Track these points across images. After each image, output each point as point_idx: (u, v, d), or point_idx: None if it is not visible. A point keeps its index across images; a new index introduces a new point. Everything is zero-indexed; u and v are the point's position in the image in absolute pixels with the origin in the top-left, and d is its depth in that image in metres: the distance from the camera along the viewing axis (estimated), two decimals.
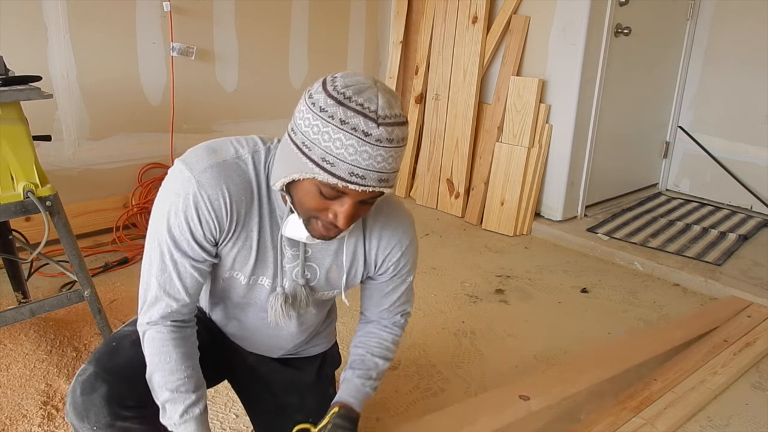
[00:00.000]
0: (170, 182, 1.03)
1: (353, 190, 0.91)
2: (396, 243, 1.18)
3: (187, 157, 1.03)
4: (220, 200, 1.01)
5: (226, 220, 1.03)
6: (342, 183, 0.90)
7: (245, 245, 1.09)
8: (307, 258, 1.14)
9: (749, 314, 2.31)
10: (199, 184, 1.00)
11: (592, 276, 2.74)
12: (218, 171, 1.01)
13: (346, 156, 0.88)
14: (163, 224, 1.03)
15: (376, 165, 0.90)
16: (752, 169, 3.50)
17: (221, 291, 1.19)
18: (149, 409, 1.07)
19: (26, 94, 1.54)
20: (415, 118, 3.61)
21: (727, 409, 1.80)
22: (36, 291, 2.29)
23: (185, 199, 1.00)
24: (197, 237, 1.03)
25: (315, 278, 1.16)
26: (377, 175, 0.91)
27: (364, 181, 0.90)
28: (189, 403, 1.04)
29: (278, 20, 3.25)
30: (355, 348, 1.30)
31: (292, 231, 1.05)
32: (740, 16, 3.41)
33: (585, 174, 3.26)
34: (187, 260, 1.05)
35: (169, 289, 1.06)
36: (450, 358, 2.01)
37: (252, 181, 1.05)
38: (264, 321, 1.21)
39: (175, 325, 1.08)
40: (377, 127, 0.88)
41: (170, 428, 1.04)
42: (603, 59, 3.06)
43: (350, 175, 0.89)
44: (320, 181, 0.92)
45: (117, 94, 2.78)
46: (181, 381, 1.05)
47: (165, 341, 1.06)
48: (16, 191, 1.57)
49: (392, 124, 0.90)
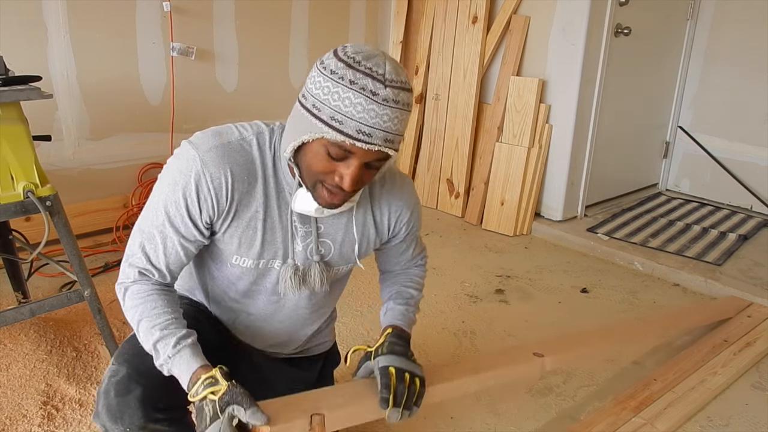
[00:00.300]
0: (175, 160, 1.07)
1: (360, 148, 0.95)
2: (404, 205, 1.23)
3: (193, 138, 1.08)
4: (221, 179, 1.04)
5: (226, 200, 1.06)
6: (350, 141, 0.94)
7: (249, 226, 1.10)
8: (320, 234, 1.16)
9: (749, 314, 2.31)
10: (203, 162, 1.03)
11: (592, 276, 2.74)
12: (222, 151, 1.05)
13: (354, 114, 0.93)
14: (161, 197, 1.06)
15: (383, 124, 0.94)
16: (752, 169, 3.50)
17: (229, 280, 1.20)
18: (179, 411, 1.11)
19: (26, 94, 1.54)
20: (415, 118, 3.61)
21: (727, 409, 1.80)
22: (36, 291, 2.29)
23: (187, 176, 1.04)
24: (193, 214, 1.06)
25: (329, 254, 1.19)
26: (383, 134, 0.95)
27: (370, 139, 0.94)
28: (180, 336, 1.03)
29: (278, 20, 3.25)
30: (388, 288, 1.36)
31: (301, 205, 1.08)
32: (740, 16, 3.41)
33: (585, 174, 3.26)
34: (177, 236, 1.07)
35: (153, 259, 1.09)
36: (450, 358, 2.01)
37: (256, 162, 1.08)
38: (276, 306, 1.22)
39: (157, 282, 1.10)
40: (384, 87, 0.94)
41: (165, 364, 1.02)
42: (603, 59, 3.06)
43: (357, 133, 0.93)
44: (329, 140, 0.95)
45: (117, 94, 2.78)
46: (169, 321, 1.05)
47: (149, 291, 1.08)
48: (16, 191, 1.57)
49: (398, 88, 0.95)
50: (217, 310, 1.28)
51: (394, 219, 1.23)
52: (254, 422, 0.92)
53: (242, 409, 0.92)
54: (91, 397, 1.73)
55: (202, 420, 0.94)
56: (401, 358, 1.13)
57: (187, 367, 1.00)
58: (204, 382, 0.96)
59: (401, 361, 1.12)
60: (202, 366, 1.00)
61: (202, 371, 0.99)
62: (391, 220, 1.23)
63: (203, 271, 1.25)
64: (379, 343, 1.18)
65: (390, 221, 1.23)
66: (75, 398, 1.71)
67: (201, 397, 0.96)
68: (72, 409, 1.67)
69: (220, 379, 0.96)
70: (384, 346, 1.16)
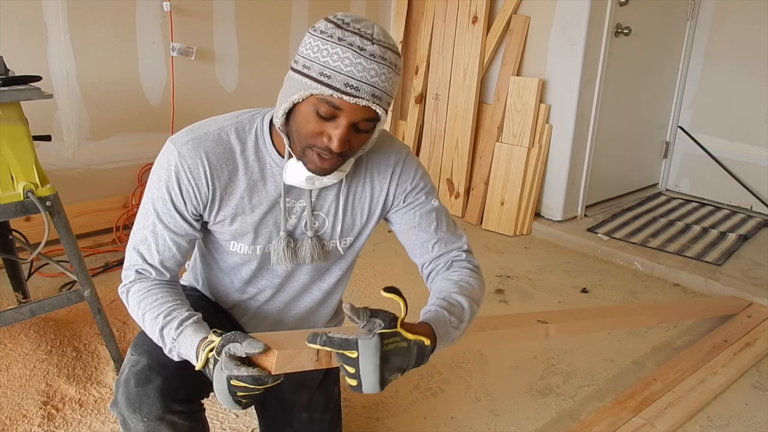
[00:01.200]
0: (158, 159, 1.10)
1: (348, 103, 0.96)
2: (393, 157, 1.19)
3: (174, 135, 1.10)
4: (199, 169, 1.06)
5: (208, 189, 1.08)
6: (337, 94, 0.95)
7: (237, 212, 1.11)
8: (314, 208, 1.16)
9: (749, 314, 2.31)
10: (180, 155, 1.06)
11: (592, 276, 2.74)
12: (197, 142, 1.07)
13: (342, 68, 0.95)
14: (149, 196, 1.09)
15: (370, 78, 0.96)
16: (752, 169, 3.50)
17: (232, 269, 1.20)
18: (195, 404, 1.12)
19: (26, 94, 1.54)
20: (415, 118, 3.61)
21: (727, 409, 1.80)
22: (36, 291, 2.29)
23: (168, 171, 1.07)
24: (179, 208, 1.08)
25: (323, 228, 1.18)
26: (370, 89, 0.96)
27: (358, 92, 0.95)
28: (183, 318, 1.03)
29: (278, 20, 3.25)
30: (430, 297, 1.16)
31: (291, 175, 1.08)
32: (740, 16, 3.41)
33: (585, 174, 3.26)
34: (168, 232, 1.09)
35: (147, 257, 1.10)
36: (450, 358, 2.01)
37: (235, 150, 1.09)
38: (281, 294, 1.23)
39: (155, 279, 1.11)
40: (372, 44, 0.96)
41: (173, 349, 1.02)
42: (603, 59, 3.06)
43: (345, 86, 0.95)
44: (318, 97, 0.97)
45: (117, 94, 2.78)
46: (171, 307, 1.05)
47: (149, 287, 1.09)
48: (16, 191, 1.57)
49: (385, 47, 0.98)
50: (226, 303, 1.29)
51: (387, 176, 1.18)
52: (251, 350, 0.90)
53: (238, 344, 0.91)
54: (91, 397, 1.73)
55: (210, 377, 0.94)
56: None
57: (191, 344, 0.99)
58: (203, 348, 0.96)
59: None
60: (204, 338, 0.99)
61: (203, 341, 0.98)
62: (383, 179, 1.18)
63: (209, 268, 1.26)
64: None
65: (382, 181, 1.18)
66: (75, 398, 1.71)
67: (202, 363, 0.95)
68: (72, 409, 1.67)
69: (214, 338, 0.95)
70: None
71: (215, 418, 1.65)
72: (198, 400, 1.13)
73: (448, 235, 1.23)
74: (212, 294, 1.30)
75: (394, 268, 2.64)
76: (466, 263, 1.22)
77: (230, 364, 0.89)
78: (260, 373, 0.89)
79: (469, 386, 1.88)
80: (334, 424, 1.45)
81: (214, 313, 1.26)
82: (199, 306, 1.18)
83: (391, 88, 0.99)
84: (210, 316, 1.14)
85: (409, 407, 1.76)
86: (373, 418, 1.70)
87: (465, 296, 1.12)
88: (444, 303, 1.09)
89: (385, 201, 1.21)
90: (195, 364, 0.98)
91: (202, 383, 1.06)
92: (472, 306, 1.12)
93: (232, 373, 0.88)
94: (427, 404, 1.78)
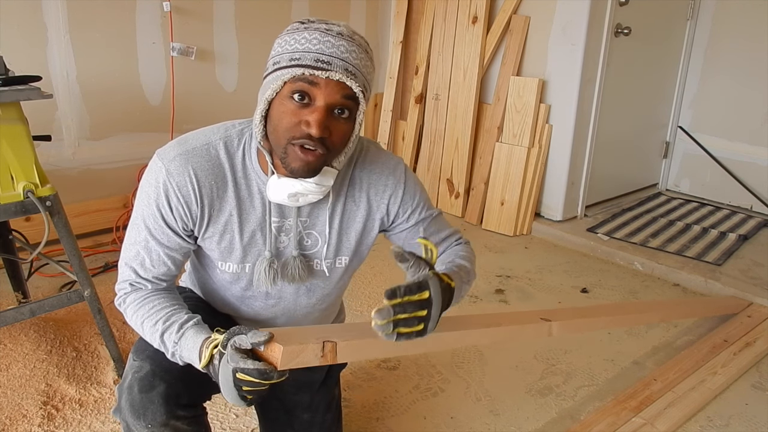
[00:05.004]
0: (146, 173, 1.08)
1: (322, 78, 0.95)
2: (391, 177, 1.17)
3: (160, 149, 1.08)
4: (188, 186, 1.04)
5: (197, 206, 1.06)
6: (309, 71, 0.94)
7: (226, 230, 1.10)
8: (306, 227, 1.14)
9: (749, 314, 2.31)
10: (168, 172, 1.04)
11: (592, 276, 2.74)
12: (186, 158, 1.05)
13: (311, 47, 0.95)
14: (139, 213, 1.08)
15: (340, 54, 0.96)
16: (752, 169, 3.50)
17: (224, 287, 1.19)
18: (199, 408, 1.11)
19: (26, 94, 1.54)
20: (415, 118, 3.61)
21: (727, 409, 1.80)
22: (36, 291, 2.29)
23: (156, 188, 1.05)
24: (170, 223, 1.06)
25: (316, 246, 1.15)
26: (342, 63, 0.95)
27: (330, 66, 0.95)
28: (182, 321, 1.03)
29: (278, 20, 3.25)
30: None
31: (274, 193, 1.05)
32: (740, 16, 3.41)
33: (585, 174, 3.26)
34: (161, 247, 1.08)
35: (141, 273, 1.09)
36: (450, 358, 2.01)
37: (224, 166, 1.07)
38: (274, 310, 1.21)
39: (153, 288, 1.11)
40: (338, 27, 0.98)
41: (175, 353, 1.01)
42: (603, 59, 3.06)
43: (316, 62, 0.95)
44: (290, 82, 0.96)
45: (117, 94, 2.78)
46: (170, 312, 1.05)
47: (145, 296, 1.09)
48: (16, 191, 1.57)
49: (353, 34, 0.99)
50: (223, 310, 1.28)
51: (385, 201, 1.17)
52: (257, 339, 0.90)
53: (243, 336, 0.91)
54: (91, 397, 1.73)
55: (214, 377, 0.93)
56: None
57: (193, 345, 0.99)
58: (207, 346, 0.95)
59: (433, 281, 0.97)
60: (206, 337, 0.98)
61: (206, 341, 0.97)
62: (380, 202, 1.17)
63: (203, 280, 1.25)
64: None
65: (380, 204, 1.17)
66: (75, 398, 1.71)
67: (207, 361, 0.95)
68: (72, 409, 1.67)
69: (218, 336, 0.95)
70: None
71: (215, 418, 1.65)
72: (201, 404, 1.13)
73: (447, 233, 1.29)
74: (210, 302, 1.29)
75: (394, 267, 2.63)
76: (461, 242, 1.31)
77: (236, 356, 0.89)
78: (266, 367, 0.89)
79: (469, 386, 1.88)
80: (334, 424, 1.45)
81: (213, 314, 1.25)
82: (198, 308, 1.18)
83: (364, 69, 0.98)
84: (209, 317, 1.13)
85: (409, 407, 1.76)
86: (373, 418, 1.70)
87: (467, 261, 1.21)
88: (451, 265, 1.17)
89: (383, 220, 1.20)
90: (198, 366, 0.97)
91: (205, 387, 1.05)
92: (473, 269, 1.22)
93: (238, 365, 0.88)
94: (427, 404, 1.78)
